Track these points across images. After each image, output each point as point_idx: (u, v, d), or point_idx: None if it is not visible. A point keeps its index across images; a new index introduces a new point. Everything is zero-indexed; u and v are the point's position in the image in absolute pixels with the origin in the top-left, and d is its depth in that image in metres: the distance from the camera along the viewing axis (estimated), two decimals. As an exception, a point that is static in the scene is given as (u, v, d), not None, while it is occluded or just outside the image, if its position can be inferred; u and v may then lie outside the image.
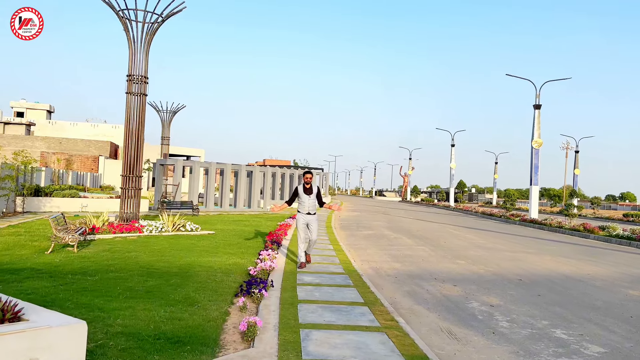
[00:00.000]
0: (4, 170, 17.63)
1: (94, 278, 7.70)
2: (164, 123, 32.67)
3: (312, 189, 9.80)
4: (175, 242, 12.40)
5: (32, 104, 63.66)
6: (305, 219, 9.83)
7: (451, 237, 19.30)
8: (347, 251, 12.98)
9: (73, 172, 36.33)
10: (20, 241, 11.36)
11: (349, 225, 23.06)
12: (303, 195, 9.78)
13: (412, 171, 79.71)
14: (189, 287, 7.44)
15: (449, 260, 12.79)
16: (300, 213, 9.89)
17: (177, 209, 22.53)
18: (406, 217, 32.44)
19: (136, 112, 14.57)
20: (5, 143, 44.81)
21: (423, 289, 8.92)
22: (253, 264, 9.61)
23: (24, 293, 6.49)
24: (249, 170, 29.46)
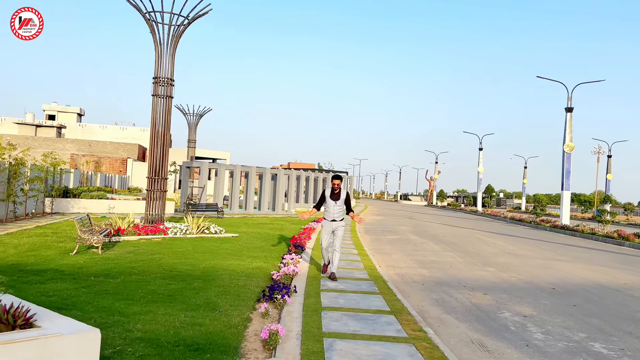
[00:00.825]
0: (33, 172, 17.92)
1: (116, 280, 7.63)
2: (191, 126, 32.92)
3: (339, 195, 9.01)
4: (199, 245, 12.33)
5: (63, 107, 65.20)
6: (330, 226, 9.07)
7: (479, 242, 18.81)
8: (372, 256, 12.70)
9: (101, 174, 36.92)
10: (47, 242, 11.44)
11: (373, 229, 22.74)
12: (329, 200, 9.04)
13: (438, 175, 78.69)
14: (211, 291, 7.30)
15: (478, 267, 12.40)
16: (326, 220, 9.15)
17: (202, 211, 22.59)
18: (432, 221, 31.90)
19: (162, 114, 14.60)
20: (36, 145, 45.91)
21: (452, 297, 8.60)
22: (276, 268, 9.45)
23: (45, 295, 6.45)
24: (274, 173, 29.41)
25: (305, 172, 33.53)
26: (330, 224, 9.08)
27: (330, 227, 9.08)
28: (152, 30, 14.19)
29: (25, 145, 42.96)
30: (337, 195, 9.01)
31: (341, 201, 9.00)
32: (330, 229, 9.09)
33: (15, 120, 57.54)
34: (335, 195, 9.02)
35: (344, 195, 9.03)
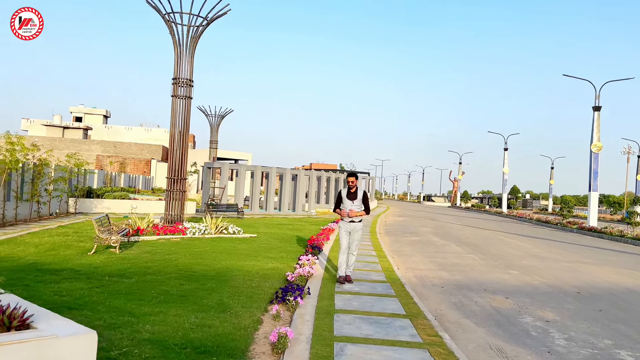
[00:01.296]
0: (57, 173, 18.22)
1: (131, 280, 7.62)
2: (213, 127, 33.13)
3: (356, 194, 8.60)
4: (216, 245, 12.31)
5: (90, 109, 66.52)
6: (348, 227, 8.69)
7: (503, 245, 18.38)
8: (391, 258, 12.49)
9: (125, 175, 37.46)
10: (67, 241, 11.57)
11: (394, 230, 22.47)
12: (346, 200, 8.65)
13: (462, 176, 77.60)
14: (224, 292, 7.23)
15: (501, 269, 12.07)
16: (343, 221, 8.75)
17: (223, 212, 22.68)
18: (455, 223, 31.41)
19: (181, 115, 14.65)
20: (63, 146, 46.89)
21: (471, 301, 8.35)
22: (292, 269, 9.34)
23: (58, 294, 6.46)
24: (294, 173, 29.36)
25: (326, 173, 33.40)
26: (347, 225, 8.70)
27: (347, 228, 8.71)
28: (171, 32, 14.26)
29: (52, 146, 43.92)
30: (354, 195, 8.61)
31: (358, 201, 8.60)
32: (348, 230, 8.72)
33: (44, 122, 58.95)
34: (352, 194, 8.62)
35: (361, 195, 8.63)
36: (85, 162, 20.96)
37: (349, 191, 8.65)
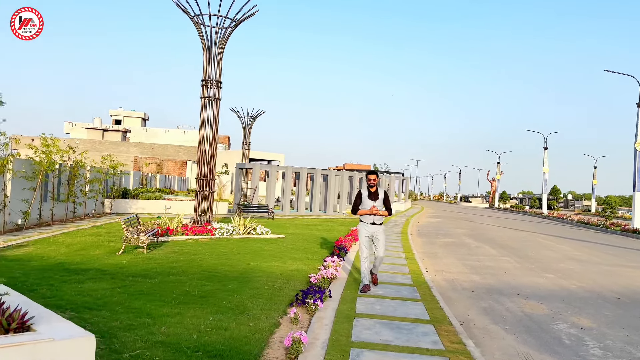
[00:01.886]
0: (93, 174, 18.67)
1: (153, 281, 7.64)
2: (245, 128, 33.37)
3: (377, 194, 7.97)
4: (243, 245, 12.30)
5: (129, 112, 68.37)
6: (369, 230, 8.03)
7: (540, 247, 17.73)
8: (421, 260, 12.18)
9: (161, 176, 38.22)
10: (98, 241, 11.79)
11: (427, 232, 22.03)
12: (366, 201, 7.99)
13: (500, 176, 75.74)
14: (245, 293, 7.15)
15: (536, 273, 11.59)
16: (363, 223, 8.09)
17: (254, 212, 22.78)
18: (492, 224, 30.60)
19: (210, 116, 14.75)
20: (103, 148, 48.30)
21: (502, 306, 8.00)
22: (316, 270, 9.19)
23: (80, 294, 6.52)
24: (325, 174, 29.24)
25: (358, 173, 33.12)
26: (368, 228, 8.04)
27: (369, 231, 8.05)
28: (200, 34, 14.37)
29: (92, 148, 45.32)
30: (374, 195, 7.98)
31: (380, 201, 7.97)
32: (369, 234, 8.06)
33: (85, 125, 60.91)
34: (372, 194, 7.99)
35: (382, 194, 8.03)
36: (120, 163, 21.44)
37: (370, 191, 8.02)
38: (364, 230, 8.10)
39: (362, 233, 8.11)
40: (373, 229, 8.06)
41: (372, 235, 8.08)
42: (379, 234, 8.09)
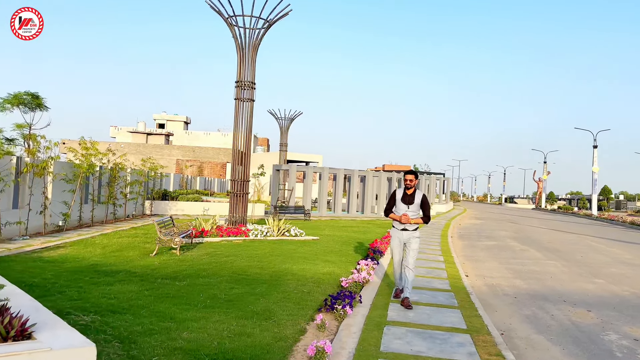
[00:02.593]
0: (133, 176, 19.01)
1: (182, 283, 7.54)
2: (282, 130, 33.42)
3: (413, 197, 7.07)
4: (276, 247, 12.13)
5: (172, 116, 70.05)
6: (401, 237, 7.20)
7: (590, 250, 16.77)
8: (460, 264, 11.68)
9: (201, 178, 38.80)
10: (134, 243, 11.88)
11: (468, 234, 21.30)
12: (400, 204, 7.12)
13: (547, 176, 73.12)
14: (273, 297, 6.93)
15: (585, 278, 10.89)
16: (395, 229, 7.31)
17: (291, 214, 22.68)
18: (538, 226, 29.39)
19: (244, 117, 14.69)
20: (147, 152, 49.53)
21: (547, 314, 7.47)
22: (348, 274, 8.90)
23: (106, 297, 6.46)
24: (362, 175, 28.84)
25: (397, 174, 32.53)
26: (399, 234, 7.23)
27: (400, 238, 7.23)
28: (233, 35, 14.34)
29: (136, 151, 46.56)
30: (410, 198, 7.09)
31: (416, 205, 7.05)
32: (401, 241, 7.26)
33: (130, 129, 62.79)
34: (408, 197, 7.10)
35: (420, 198, 7.07)
36: (159, 165, 21.77)
37: (405, 193, 7.13)
38: (395, 237, 7.36)
39: (394, 238, 7.41)
40: (405, 236, 7.20)
41: (404, 242, 7.27)
42: (412, 242, 7.16)
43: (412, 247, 7.14)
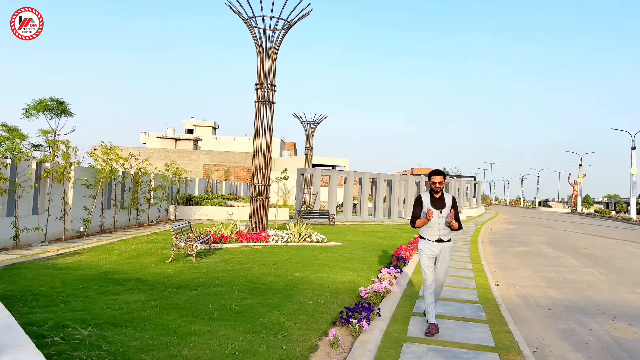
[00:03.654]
0: (156, 181, 18.94)
1: (192, 293, 7.20)
2: (308, 133, 33.10)
3: (443, 201, 6.03)
4: (296, 254, 11.73)
5: (200, 121, 70.79)
6: (434, 249, 6.05)
7: (630, 257, 15.81)
8: (490, 272, 11.04)
9: (227, 182, 38.78)
10: (152, 249, 11.67)
11: (500, 239, 20.47)
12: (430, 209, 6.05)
13: (582, 178, 70.75)
14: (286, 309, 6.52)
15: (625, 288, 10.13)
16: (426, 240, 6.12)
17: (315, 219, 22.29)
18: (573, 231, 28.19)
19: (265, 120, 14.38)
20: (175, 157, 50.00)
21: (585, 328, 6.84)
22: (369, 282, 8.43)
23: (111, 308, 6.16)
24: (389, 178, 28.22)
25: (425, 177, 31.78)
26: (432, 247, 6.05)
27: (433, 250, 6.06)
28: (253, 36, 14.07)
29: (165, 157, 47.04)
30: (440, 202, 6.04)
31: (447, 210, 6.04)
32: (434, 254, 6.07)
33: (159, 135, 63.69)
34: (437, 201, 6.04)
35: (450, 201, 6.07)
36: (183, 170, 21.69)
37: (433, 197, 6.07)
38: (426, 250, 6.09)
39: (425, 253, 6.10)
40: (439, 248, 6.05)
41: (436, 255, 6.11)
42: (446, 253, 6.14)
43: (445, 259, 6.14)
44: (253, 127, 14.46)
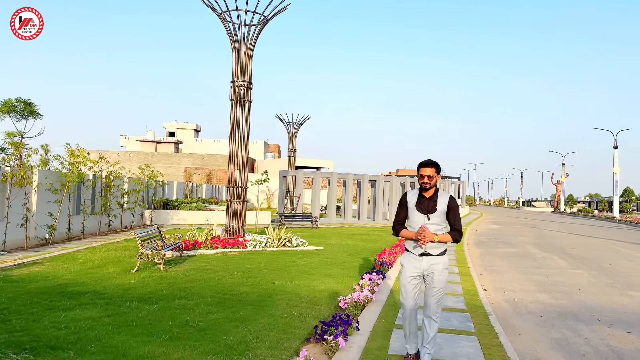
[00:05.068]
0: (130, 185, 18.15)
1: (153, 307, 6.52)
2: (290, 135, 32.49)
3: (435, 202, 4.50)
4: (274, 260, 11.09)
5: (182, 124, 69.62)
6: (420, 266, 4.52)
7: (618, 257, 15.46)
8: (477, 276, 10.54)
9: (208, 186, 37.94)
10: (119, 257, 10.94)
11: (486, 240, 20.06)
12: (414, 212, 4.53)
13: (565, 178, 71.18)
14: (255, 324, 5.88)
15: (617, 290, 9.70)
16: (409, 254, 4.60)
17: (298, 222, 21.67)
18: (559, 230, 27.96)
19: (241, 119, 13.73)
20: (155, 160, 48.95)
21: (580, 337, 6.33)
22: (350, 290, 7.85)
23: (56, 327, 5.46)
24: (373, 180, 27.69)
25: (410, 179, 31.32)
26: (417, 263, 4.52)
27: (419, 267, 4.51)
28: (228, 31, 13.41)
29: (145, 160, 45.99)
30: (431, 204, 4.49)
31: (439, 215, 4.47)
32: (419, 272, 4.53)
33: (139, 138, 62.46)
34: (426, 202, 4.50)
35: (445, 203, 4.50)
36: (159, 173, 20.91)
37: (422, 196, 4.54)
38: (409, 266, 4.57)
39: (406, 270, 4.59)
40: (426, 265, 4.49)
41: (423, 274, 4.54)
42: (436, 274, 4.49)
43: (437, 281, 4.48)
44: (229, 127, 13.77)
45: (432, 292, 4.53)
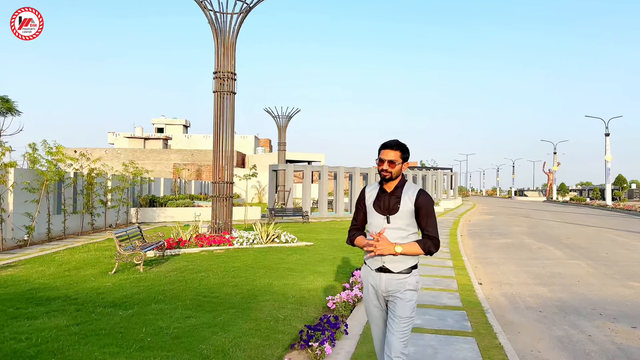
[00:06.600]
0: (114, 182, 17.59)
1: (127, 313, 6.06)
2: (280, 128, 31.96)
3: (398, 198, 3.20)
4: (261, 257, 10.66)
5: (170, 119, 68.66)
6: (377, 285, 3.24)
7: (615, 245, 15.16)
8: (472, 269, 10.16)
9: (197, 182, 37.34)
10: (100, 257, 10.45)
11: (480, 231, 19.72)
12: (373, 213, 3.28)
13: (557, 167, 71.17)
14: (236, 329, 5.44)
15: (617, 281, 9.36)
16: (366, 268, 3.34)
17: (289, 217, 21.23)
18: (552, 219, 27.72)
19: (225, 111, 13.22)
20: (144, 157, 48.23)
21: (583, 334, 5.95)
22: (340, 289, 7.45)
23: (15, 338, 4.99)
24: (364, 172, 27.28)
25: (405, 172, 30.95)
26: (374, 280, 3.26)
27: (377, 286, 3.25)
28: (209, 19, 12.87)
29: (134, 157, 45.24)
30: (390, 201, 3.22)
31: (404, 216, 3.18)
32: (378, 293, 3.27)
33: (127, 135, 61.50)
34: (387, 198, 3.24)
35: (412, 201, 3.17)
36: (144, 170, 20.34)
37: (382, 189, 3.28)
38: (369, 287, 3.31)
39: (366, 288, 3.35)
40: (384, 284, 3.21)
41: (385, 297, 3.26)
42: (398, 301, 3.19)
43: (400, 309, 3.16)
44: (212, 120, 13.26)
45: (394, 326, 3.14)
